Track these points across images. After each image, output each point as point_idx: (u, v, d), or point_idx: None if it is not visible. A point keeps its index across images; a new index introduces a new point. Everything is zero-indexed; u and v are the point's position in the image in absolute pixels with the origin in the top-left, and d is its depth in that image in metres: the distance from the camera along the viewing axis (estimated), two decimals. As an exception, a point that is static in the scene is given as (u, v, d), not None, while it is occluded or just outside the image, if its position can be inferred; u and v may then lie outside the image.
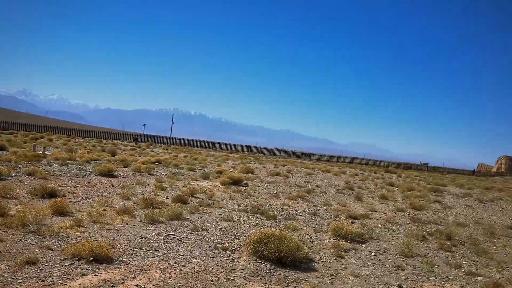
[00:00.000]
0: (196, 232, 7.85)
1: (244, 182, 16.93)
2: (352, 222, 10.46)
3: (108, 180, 13.96)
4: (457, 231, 10.42)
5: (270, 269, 6.11)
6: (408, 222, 11.42)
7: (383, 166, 66.29)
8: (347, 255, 7.32)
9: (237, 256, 6.59)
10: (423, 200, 17.37)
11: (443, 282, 6.29)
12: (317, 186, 18.79)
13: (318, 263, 6.71)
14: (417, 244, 8.71)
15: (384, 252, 7.81)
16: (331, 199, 15.04)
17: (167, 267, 5.76)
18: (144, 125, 72.39)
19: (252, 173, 21.89)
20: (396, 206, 14.51)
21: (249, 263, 6.28)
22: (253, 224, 9.20)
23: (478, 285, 6.23)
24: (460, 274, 6.79)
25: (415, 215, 12.97)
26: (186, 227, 8.21)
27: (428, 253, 8.02)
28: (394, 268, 6.77)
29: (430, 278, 6.44)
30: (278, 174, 22.82)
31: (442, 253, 8.12)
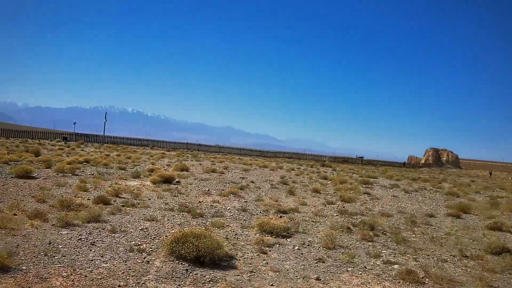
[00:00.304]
0: (113, 235, 7.37)
1: (176, 180, 16.47)
2: (280, 217, 10.45)
3: (25, 182, 12.91)
4: (380, 221, 10.76)
5: (187, 270, 5.83)
6: (335, 215, 11.63)
7: (320, 161, 68.17)
8: (270, 250, 7.22)
9: (153, 258, 6.23)
10: (353, 193, 17.91)
11: (360, 272, 6.37)
12: (252, 182, 18.75)
13: (239, 260, 6.54)
14: (341, 236, 8.84)
15: (308, 245, 7.82)
16: (264, 194, 15.02)
17: (71, 274, 5.28)
18: (75, 123, 68.76)
19: (187, 171, 21.43)
20: (326, 199, 14.77)
21: (165, 265, 5.96)
22: (178, 223, 8.86)
23: (393, 273, 6.37)
24: (378, 263, 6.93)
25: (343, 207, 13.27)
26: (103, 229, 7.70)
27: (350, 244, 8.14)
28: (315, 261, 6.77)
29: (348, 269, 6.50)
30: (213, 171, 22.53)
31: (364, 244, 8.29)
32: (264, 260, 6.68)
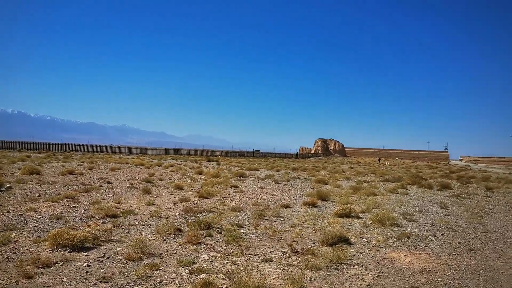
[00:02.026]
0: None
1: (7, 186, 13.73)
2: (103, 223, 8.77)
3: None
4: (224, 218, 9.69)
5: None
6: (177, 214, 10.26)
7: (212, 156, 67.33)
8: (43, 273, 5.51)
9: None
10: (219, 186, 16.87)
11: (148, 292, 5.01)
12: (109, 182, 16.64)
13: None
14: (164, 240, 7.47)
15: (108, 258, 6.27)
16: (111, 196, 13.12)
17: None
18: None
19: (38, 174, 18.47)
20: (184, 196, 13.40)
21: None
22: None
23: (190, 286, 5.13)
24: (183, 274, 5.65)
25: (195, 204, 12.03)
26: None
27: (167, 251, 6.79)
28: (96, 282, 5.24)
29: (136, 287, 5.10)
30: (72, 172, 19.83)
31: (185, 248, 7.00)
32: (26, 286, 4.97)
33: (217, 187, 16.62)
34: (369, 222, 9.89)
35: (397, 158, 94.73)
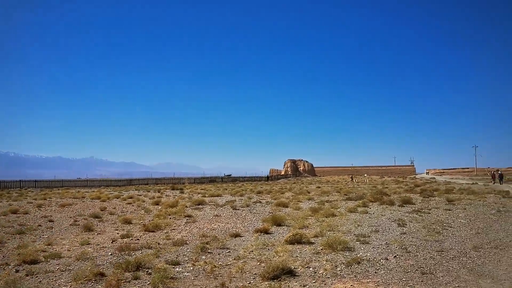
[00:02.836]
0: None
1: None
2: (17, 271, 7.67)
3: None
4: (160, 255, 8.76)
5: None
6: (110, 254, 9.24)
7: (179, 183, 65.80)
8: None
9: None
10: (173, 217, 15.88)
11: None
12: (50, 221, 15.34)
13: None
14: (80, 288, 6.48)
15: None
16: (46, 236, 11.93)
17: None
18: None
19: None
20: (128, 232, 12.37)
21: None
22: None
23: None
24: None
25: (137, 240, 11.03)
26: None
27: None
28: None
29: None
30: (15, 212, 18.31)
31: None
32: None
33: (170, 218, 15.63)
34: (320, 248, 9.18)
35: (365, 175, 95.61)
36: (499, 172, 50.49)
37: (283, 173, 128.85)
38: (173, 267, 7.82)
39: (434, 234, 10.74)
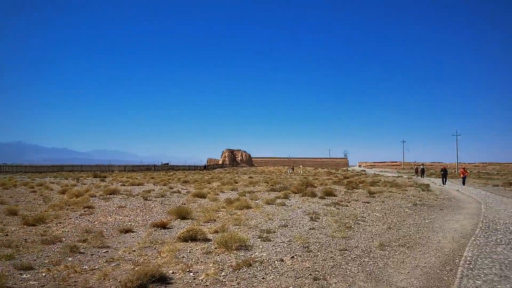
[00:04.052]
0: None
1: None
2: None
3: None
4: (20, 255, 7.13)
5: None
6: (-51, 255, 7.43)
7: (107, 171, 62.63)
8: None
9: None
10: (70, 208, 14.04)
11: None
12: None
13: None
14: None
15: None
16: None
17: None
18: None
19: None
20: (4, 225, 10.48)
21: None
22: None
23: None
24: None
25: (6, 235, 9.24)
26: None
27: None
28: None
29: None
30: None
31: None
32: None
33: (67, 209, 13.78)
34: (214, 246, 8.00)
35: (300, 166, 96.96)
36: (421, 166, 52.96)
37: (220, 162, 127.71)
38: (21, 273, 6.26)
39: (344, 229, 9.98)
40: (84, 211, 13.53)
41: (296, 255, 7.35)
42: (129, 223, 11.03)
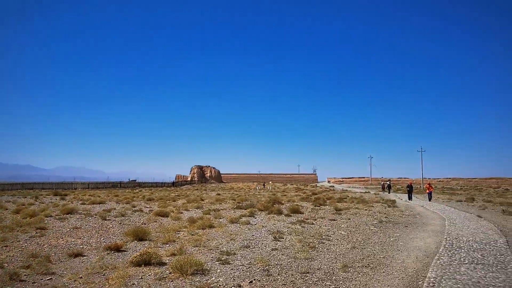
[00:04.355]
0: None
1: None
2: None
3: None
4: None
5: None
6: None
7: (70, 188, 60.68)
8: None
9: None
10: (20, 229, 13.13)
11: None
12: None
13: None
14: None
15: None
16: None
17: None
18: None
19: None
20: None
21: None
22: None
23: None
24: None
25: None
26: None
27: None
28: None
29: None
30: None
31: None
32: None
33: (17, 231, 12.87)
34: (169, 271, 7.49)
35: (270, 182, 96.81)
36: (387, 182, 53.74)
37: (189, 179, 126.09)
38: None
39: (308, 249, 9.66)
40: (36, 232, 12.68)
41: (255, 279, 6.95)
42: (81, 246, 10.32)
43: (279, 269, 7.72)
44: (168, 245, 10.44)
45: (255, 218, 16.50)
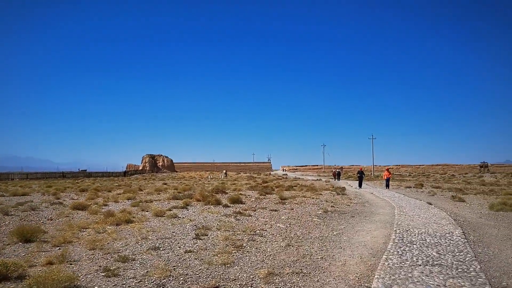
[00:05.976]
0: None
1: None
2: None
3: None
4: None
5: None
6: None
7: (6, 179, 56.22)
8: None
9: None
10: None
11: None
12: None
13: None
14: None
15: None
16: None
17: None
18: None
19: None
20: None
21: None
22: None
23: None
24: None
25: None
26: None
27: None
28: None
29: None
30: None
31: None
32: None
33: None
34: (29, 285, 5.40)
35: (224, 171, 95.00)
36: (338, 170, 53.77)
37: (141, 168, 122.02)
38: None
39: (231, 250, 7.83)
40: None
41: (140, 300, 5.02)
42: None
43: (181, 281, 5.82)
44: (60, 247, 8.28)
45: (188, 210, 14.54)
